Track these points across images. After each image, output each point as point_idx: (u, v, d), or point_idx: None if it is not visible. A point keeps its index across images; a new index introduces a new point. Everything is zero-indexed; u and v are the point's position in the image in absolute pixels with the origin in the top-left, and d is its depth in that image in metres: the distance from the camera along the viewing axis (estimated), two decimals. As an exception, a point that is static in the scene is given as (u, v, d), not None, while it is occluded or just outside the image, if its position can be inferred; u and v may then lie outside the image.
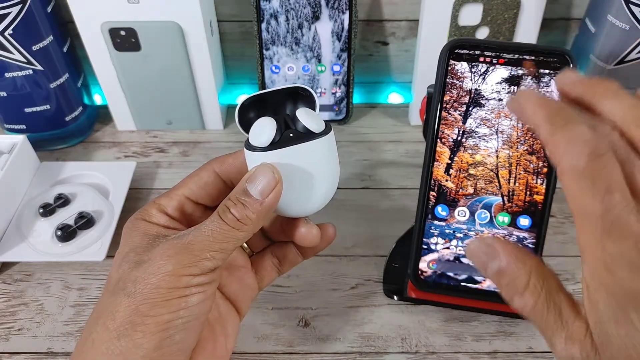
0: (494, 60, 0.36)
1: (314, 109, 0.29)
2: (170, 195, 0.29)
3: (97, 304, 0.26)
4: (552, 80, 0.35)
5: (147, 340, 0.24)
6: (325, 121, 0.29)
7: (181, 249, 0.25)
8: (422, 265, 0.40)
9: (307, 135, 0.27)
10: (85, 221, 0.45)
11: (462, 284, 0.39)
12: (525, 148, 0.37)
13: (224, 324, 0.30)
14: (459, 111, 0.37)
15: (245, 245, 0.33)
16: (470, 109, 0.37)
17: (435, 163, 0.37)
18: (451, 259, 0.39)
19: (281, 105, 0.30)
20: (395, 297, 0.42)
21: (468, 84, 0.36)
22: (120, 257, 0.27)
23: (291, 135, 0.27)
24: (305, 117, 0.28)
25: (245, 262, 0.32)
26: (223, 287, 0.31)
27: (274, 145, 0.27)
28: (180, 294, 0.25)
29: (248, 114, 0.29)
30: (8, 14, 0.46)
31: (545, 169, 0.37)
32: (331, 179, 0.29)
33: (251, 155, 0.27)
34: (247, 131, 0.29)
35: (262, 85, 0.56)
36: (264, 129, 0.27)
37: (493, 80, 0.36)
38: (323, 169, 0.28)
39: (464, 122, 0.37)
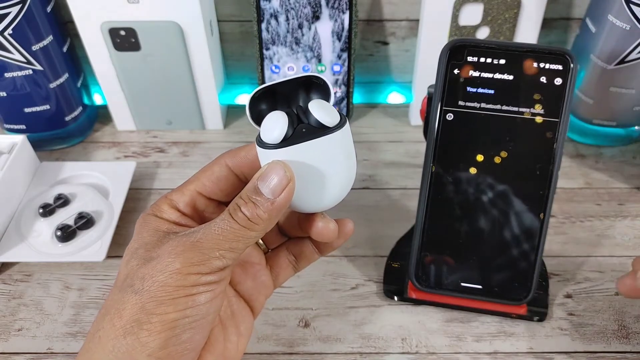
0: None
1: (328, 98, 0.28)
2: (183, 191, 0.29)
3: (106, 300, 0.26)
4: (554, 80, 0.35)
5: (152, 339, 0.24)
6: (340, 112, 0.27)
7: (190, 247, 0.25)
8: (422, 265, 0.40)
9: (321, 129, 0.26)
10: (85, 221, 0.45)
11: (462, 284, 0.39)
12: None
13: (237, 323, 0.30)
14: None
15: (260, 241, 0.32)
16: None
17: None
18: (452, 258, 0.39)
19: (293, 95, 0.28)
20: (395, 298, 0.42)
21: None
22: (130, 253, 0.26)
23: (304, 130, 0.26)
24: (318, 110, 0.26)
25: (260, 258, 0.32)
26: (237, 284, 0.30)
27: (286, 141, 0.26)
28: (187, 292, 0.24)
29: (259, 106, 0.28)
30: (8, 14, 0.46)
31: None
32: (347, 173, 0.28)
33: (263, 152, 0.27)
34: (259, 124, 0.27)
35: (262, 85, 0.56)
36: (276, 124, 0.26)
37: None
38: (338, 163, 0.27)
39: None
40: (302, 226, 0.30)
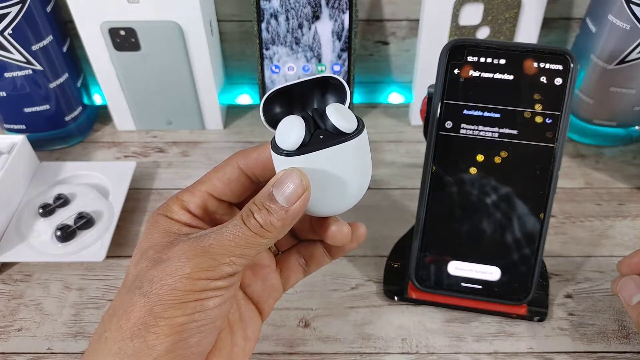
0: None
1: (344, 100, 0.27)
2: (193, 191, 0.28)
3: (113, 301, 0.26)
4: (554, 80, 0.35)
5: (160, 342, 0.24)
6: (358, 117, 0.27)
7: (201, 252, 0.25)
8: (423, 265, 0.40)
9: (338, 136, 0.26)
10: (85, 221, 0.45)
11: (463, 284, 0.39)
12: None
13: (245, 326, 0.29)
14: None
15: None
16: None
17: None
18: (452, 258, 0.39)
19: (309, 97, 0.27)
20: (395, 298, 0.42)
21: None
22: (140, 253, 0.26)
23: (321, 136, 0.25)
24: (336, 115, 0.26)
25: (270, 261, 0.31)
26: (246, 287, 0.30)
27: (302, 148, 0.25)
28: (196, 297, 0.24)
29: (273, 108, 0.27)
30: (8, 13, 0.46)
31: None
32: (363, 178, 0.27)
33: (279, 158, 0.26)
34: (273, 127, 0.27)
35: (262, 85, 0.56)
36: (292, 130, 0.25)
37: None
38: (355, 169, 0.27)
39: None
40: (314, 229, 0.30)
